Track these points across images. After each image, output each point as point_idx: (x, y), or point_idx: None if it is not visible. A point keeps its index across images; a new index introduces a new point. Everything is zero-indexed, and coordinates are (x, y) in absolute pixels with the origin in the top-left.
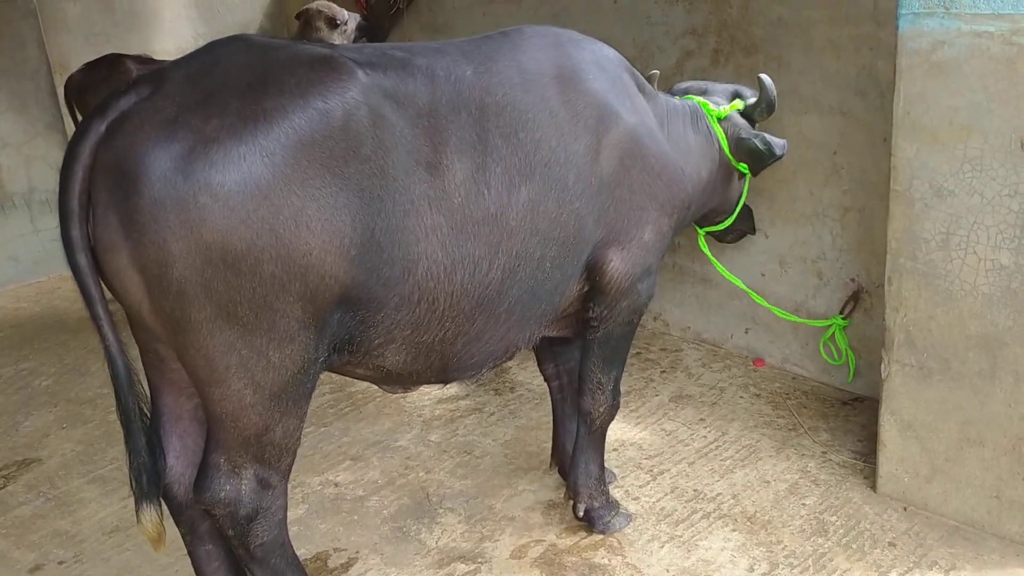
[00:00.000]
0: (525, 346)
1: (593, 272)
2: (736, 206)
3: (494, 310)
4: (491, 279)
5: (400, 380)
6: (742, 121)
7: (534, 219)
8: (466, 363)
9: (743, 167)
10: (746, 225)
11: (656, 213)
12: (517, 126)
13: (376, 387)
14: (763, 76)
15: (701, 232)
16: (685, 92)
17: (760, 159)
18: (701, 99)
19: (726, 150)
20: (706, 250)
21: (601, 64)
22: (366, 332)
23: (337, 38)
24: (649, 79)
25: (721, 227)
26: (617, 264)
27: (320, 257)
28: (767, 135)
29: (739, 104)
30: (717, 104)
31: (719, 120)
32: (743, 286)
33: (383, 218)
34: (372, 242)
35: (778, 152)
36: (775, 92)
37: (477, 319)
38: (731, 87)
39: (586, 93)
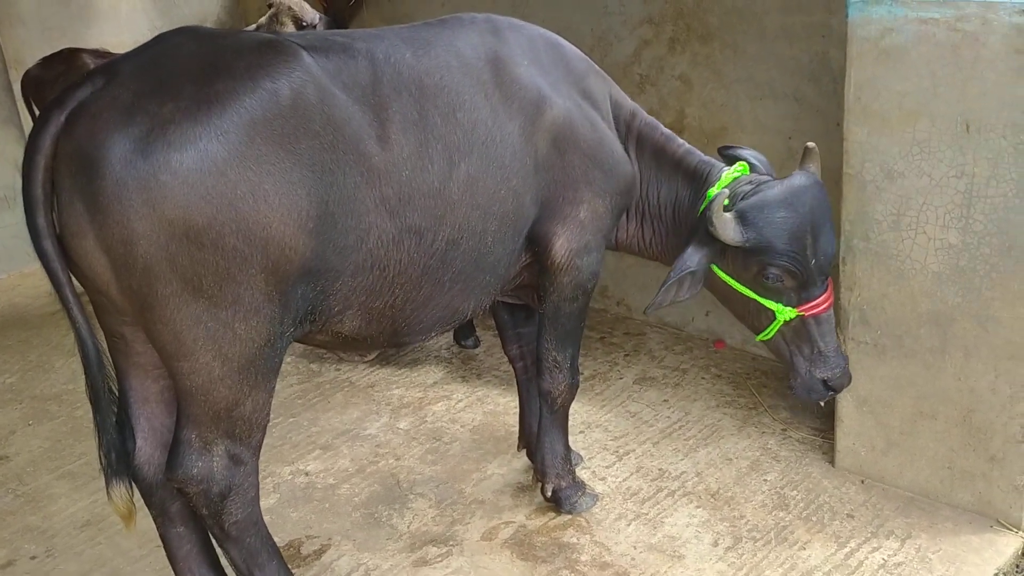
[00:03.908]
0: (473, 313)
1: (536, 246)
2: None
3: (440, 278)
4: (436, 249)
5: (356, 345)
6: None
7: (474, 194)
8: (415, 327)
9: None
10: (797, 384)
11: (590, 194)
12: (455, 106)
13: (344, 375)
14: (716, 198)
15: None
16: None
17: None
18: (728, 172)
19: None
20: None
21: (536, 50)
22: (326, 300)
23: None
24: (807, 153)
25: (757, 337)
26: (555, 240)
27: (279, 230)
28: (693, 253)
29: (726, 200)
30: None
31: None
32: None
33: (336, 190)
34: (326, 214)
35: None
36: (711, 213)
37: (424, 286)
38: (765, 179)
39: (519, 78)
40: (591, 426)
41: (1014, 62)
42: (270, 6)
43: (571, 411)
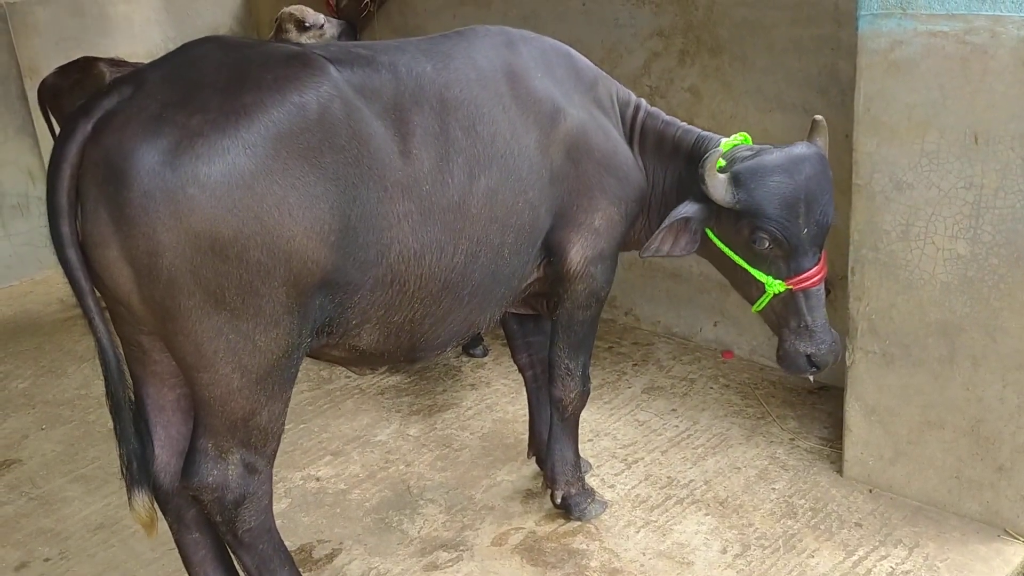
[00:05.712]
0: (485, 327)
1: (551, 255)
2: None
3: (459, 292)
4: (455, 263)
5: (371, 360)
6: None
7: (493, 207)
8: (432, 342)
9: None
10: (782, 356)
11: (605, 202)
12: (475, 119)
13: (354, 383)
14: (707, 159)
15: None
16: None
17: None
18: (728, 140)
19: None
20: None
21: (549, 62)
22: (344, 314)
23: (306, 41)
24: (814, 126)
25: (753, 308)
26: (570, 248)
27: (303, 243)
28: (688, 204)
29: (722, 162)
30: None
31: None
32: None
33: (359, 205)
34: (349, 228)
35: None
36: (703, 170)
37: (443, 300)
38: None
39: (534, 90)
40: (600, 434)
41: (1022, 74)
42: (276, 20)
43: (580, 419)
